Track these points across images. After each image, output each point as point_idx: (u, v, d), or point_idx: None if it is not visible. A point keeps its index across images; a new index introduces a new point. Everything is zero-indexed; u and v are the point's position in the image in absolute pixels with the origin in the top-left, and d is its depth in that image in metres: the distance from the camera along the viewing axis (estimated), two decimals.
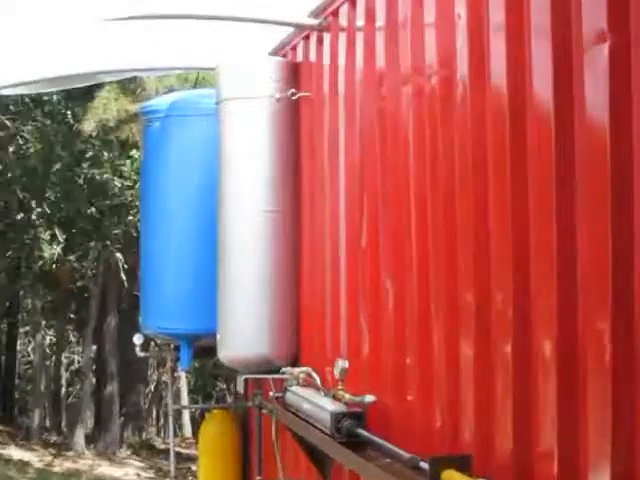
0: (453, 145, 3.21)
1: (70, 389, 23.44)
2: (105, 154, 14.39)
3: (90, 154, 14.58)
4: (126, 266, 14.68)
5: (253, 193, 5.05)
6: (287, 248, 5.02)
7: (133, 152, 13.44)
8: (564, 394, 2.52)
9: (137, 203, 11.88)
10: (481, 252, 2.98)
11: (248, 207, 5.03)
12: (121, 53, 5.69)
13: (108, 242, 14.92)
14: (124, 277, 14.76)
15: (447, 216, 3.25)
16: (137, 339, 6.12)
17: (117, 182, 14.33)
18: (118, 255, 15.05)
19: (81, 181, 14.73)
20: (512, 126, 2.81)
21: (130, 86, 12.21)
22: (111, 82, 11.40)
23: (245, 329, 5.02)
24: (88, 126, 12.59)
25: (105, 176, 14.32)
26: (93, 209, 14.84)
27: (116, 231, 14.77)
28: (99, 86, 11.87)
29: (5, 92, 5.72)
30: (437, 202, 3.34)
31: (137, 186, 12.48)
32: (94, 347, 17.46)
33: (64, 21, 4.66)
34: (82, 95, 12.76)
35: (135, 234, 12.54)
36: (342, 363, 3.89)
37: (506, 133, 2.84)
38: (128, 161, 13.95)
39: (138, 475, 14.20)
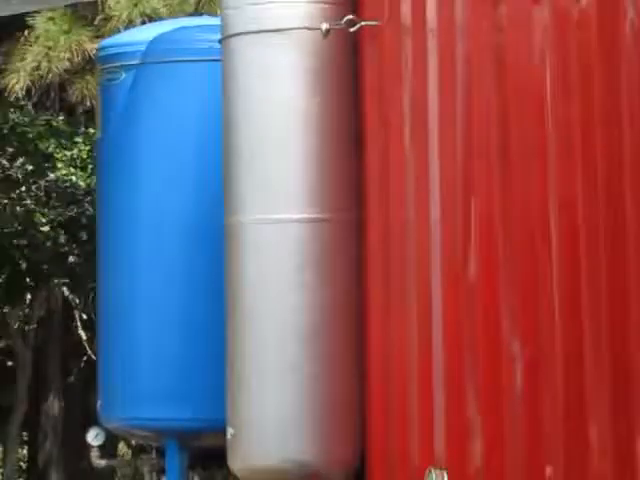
0: (620, 106, 3.22)
1: None
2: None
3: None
4: (84, 316, 14.81)
5: (282, 190, 5.09)
6: (343, 279, 5.06)
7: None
8: None
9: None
10: None
11: (277, 216, 5.08)
12: None
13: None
14: (82, 334, 14.86)
15: (615, 229, 3.24)
16: (95, 438, 6.18)
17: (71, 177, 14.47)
18: (65, 292, 15.23)
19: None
20: None
21: (87, 14, 12.29)
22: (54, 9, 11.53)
23: (273, 421, 5.06)
24: (16, 82, 12.74)
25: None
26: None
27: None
28: (35, 16, 12.03)
29: None
30: (596, 203, 3.34)
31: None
32: (24, 452, 17.63)
33: None
34: (6, 30, 12.94)
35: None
36: (438, 477, 3.89)
37: None
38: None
39: None
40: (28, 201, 14.90)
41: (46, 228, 14.84)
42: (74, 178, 14.42)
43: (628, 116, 3.23)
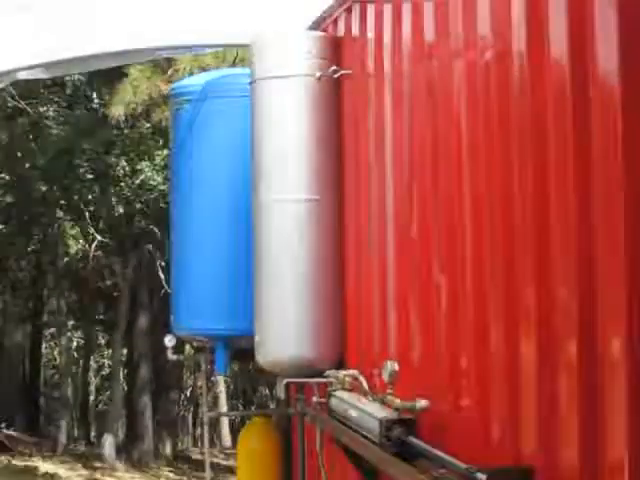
0: (511, 125, 3.19)
1: (99, 396, 23.71)
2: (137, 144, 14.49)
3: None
4: (163, 263, 14.76)
5: (292, 181, 5.07)
6: (330, 241, 5.04)
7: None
8: (636, 401, 2.49)
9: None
10: (543, 245, 2.95)
11: (286, 196, 5.05)
12: (150, 29, 5.70)
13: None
14: (161, 275, 14.82)
15: (507, 203, 3.22)
16: (169, 341, 6.17)
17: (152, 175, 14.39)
18: (150, 248, 15.21)
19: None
20: (574, 102, 2.77)
21: (163, 66, 12.24)
22: (142, 62, 11.43)
23: (284, 330, 5.05)
24: (116, 110, 12.66)
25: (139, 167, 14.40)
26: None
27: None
28: (128, 67, 11.94)
29: (23, 76, 5.75)
30: (495, 188, 3.32)
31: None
32: (124, 350, 17.63)
33: None
34: (108, 77, 12.84)
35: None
36: (391, 365, 3.85)
37: (568, 110, 2.80)
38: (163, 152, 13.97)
39: None
40: (128, 192, 14.88)
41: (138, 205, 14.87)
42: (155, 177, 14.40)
43: (516, 131, 3.19)
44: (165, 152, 13.56)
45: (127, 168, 14.64)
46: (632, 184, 2.51)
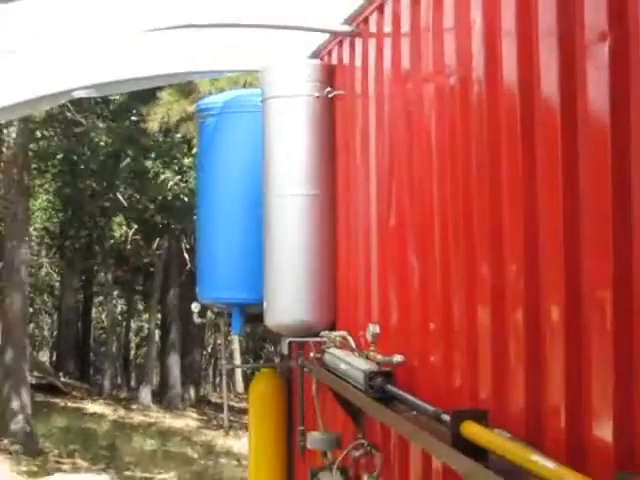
0: (470, 137, 3.20)
1: (138, 352, 23.66)
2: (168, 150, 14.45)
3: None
4: (188, 246, 14.76)
5: (294, 179, 5.04)
6: (325, 227, 5.01)
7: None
8: (570, 356, 2.51)
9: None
10: (495, 231, 2.97)
11: (290, 192, 5.02)
12: (176, 58, 5.68)
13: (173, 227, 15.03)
14: (186, 255, 14.84)
15: (465, 200, 3.24)
16: (195, 307, 6.16)
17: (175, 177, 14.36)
18: (180, 234, 15.19)
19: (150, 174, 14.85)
20: (522, 120, 2.79)
21: (187, 89, 12.20)
22: (170, 85, 11.39)
23: (288, 298, 5.02)
24: (152, 125, 12.63)
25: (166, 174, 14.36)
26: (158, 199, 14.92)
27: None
28: (159, 89, 11.89)
29: (78, 94, 5.74)
30: (457, 188, 3.33)
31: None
32: (159, 315, 17.62)
33: (125, 28, 4.65)
34: (144, 96, 12.81)
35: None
36: (373, 328, 3.89)
37: (517, 126, 2.82)
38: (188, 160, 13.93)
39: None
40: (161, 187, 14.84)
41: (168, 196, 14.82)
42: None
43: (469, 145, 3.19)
44: (190, 159, 13.56)
45: (161, 169, 14.60)
46: (568, 183, 2.53)
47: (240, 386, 20.00)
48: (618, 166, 2.30)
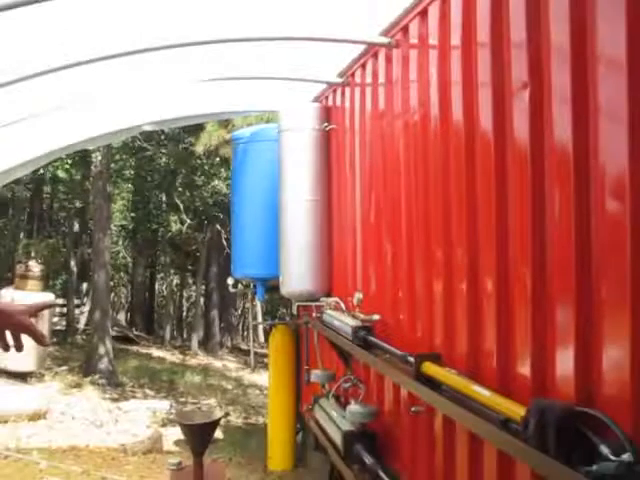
0: (427, 159, 3.17)
1: (189, 312, 23.64)
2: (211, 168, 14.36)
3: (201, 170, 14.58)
4: (225, 236, 14.71)
5: (301, 189, 5.01)
6: (323, 223, 4.98)
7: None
8: (500, 314, 2.49)
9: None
10: (445, 225, 2.96)
11: (298, 197, 4.99)
12: (218, 100, 5.64)
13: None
14: (224, 242, 14.78)
15: (424, 204, 3.21)
16: (230, 281, 6.15)
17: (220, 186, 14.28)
18: (219, 228, 15.13)
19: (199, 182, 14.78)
20: (466, 147, 2.77)
21: (225, 122, 12.13)
22: (214, 120, 11.29)
23: (297, 274, 4.99)
24: (199, 149, 12.56)
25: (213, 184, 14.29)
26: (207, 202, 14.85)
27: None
28: (205, 123, 11.81)
29: (146, 128, 5.71)
30: (419, 197, 3.29)
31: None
32: (203, 287, 17.58)
33: (178, 79, 4.61)
34: (190, 128, 12.74)
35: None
36: (358, 295, 3.88)
37: (462, 152, 2.80)
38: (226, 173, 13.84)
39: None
40: (205, 194, 14.77)
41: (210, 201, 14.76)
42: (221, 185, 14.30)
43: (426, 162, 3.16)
44: (228, 173, 13.52)
45: (206, 181, 14.54)
46: (500, 192, 2.50)
47: (262, 337, 20.04)
48: (537, 183, 2.28)
